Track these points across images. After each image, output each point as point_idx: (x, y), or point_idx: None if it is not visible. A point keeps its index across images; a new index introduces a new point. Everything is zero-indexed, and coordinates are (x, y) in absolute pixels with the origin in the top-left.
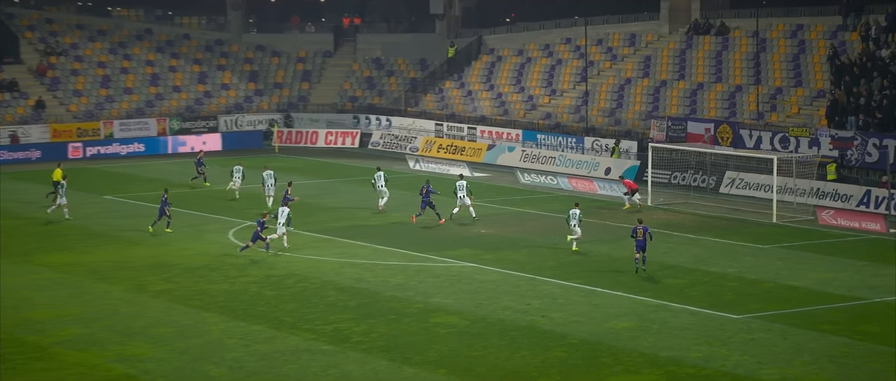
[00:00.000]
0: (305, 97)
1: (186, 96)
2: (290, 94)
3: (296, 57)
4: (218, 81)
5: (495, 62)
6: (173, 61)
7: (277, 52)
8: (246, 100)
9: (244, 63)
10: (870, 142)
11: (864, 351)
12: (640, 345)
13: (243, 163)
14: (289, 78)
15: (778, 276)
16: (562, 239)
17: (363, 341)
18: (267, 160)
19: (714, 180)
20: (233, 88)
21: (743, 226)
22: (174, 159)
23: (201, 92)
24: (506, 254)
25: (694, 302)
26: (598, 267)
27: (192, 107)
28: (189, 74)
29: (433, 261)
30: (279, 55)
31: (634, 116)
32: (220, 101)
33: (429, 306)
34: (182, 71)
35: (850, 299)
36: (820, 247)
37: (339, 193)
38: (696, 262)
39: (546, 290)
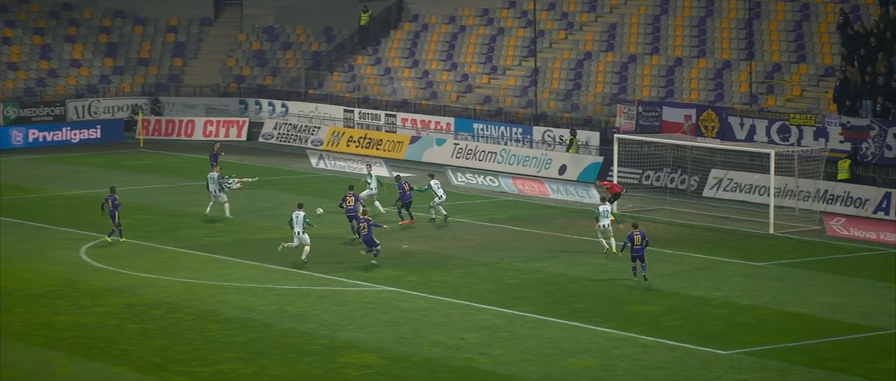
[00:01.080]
0: (178, 77)
1: (25, 76)
2: (159, 72)
3: (165, 26)
4: (66, 57)
5: (420, 32)
6: (8, 31)
7: (141, 19)
8: (102, 80)
9: (99, 33)
10: (889, 131)
11: None
12: None
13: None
14: (157, 53)
15: (776, 301)
16: (505, 256)
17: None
18: (127, 157)
19: (696, 181)
20: (85, 66)
21: (732, 238)
22: (10, 156)
23: (44, 70)
24: (434, 275)
25: (671, 335)
26: (551, 291)
27: (32, 89)
28: (28, 47)
29: (342, 285)
30: (144, 23)
31: (596, 100)
32: (69, 81)
33: (336, 342)
34: (19, 43)
35: (866, 330)
36: (828, 264)
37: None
38: (674, 284)
39: (485, 320)
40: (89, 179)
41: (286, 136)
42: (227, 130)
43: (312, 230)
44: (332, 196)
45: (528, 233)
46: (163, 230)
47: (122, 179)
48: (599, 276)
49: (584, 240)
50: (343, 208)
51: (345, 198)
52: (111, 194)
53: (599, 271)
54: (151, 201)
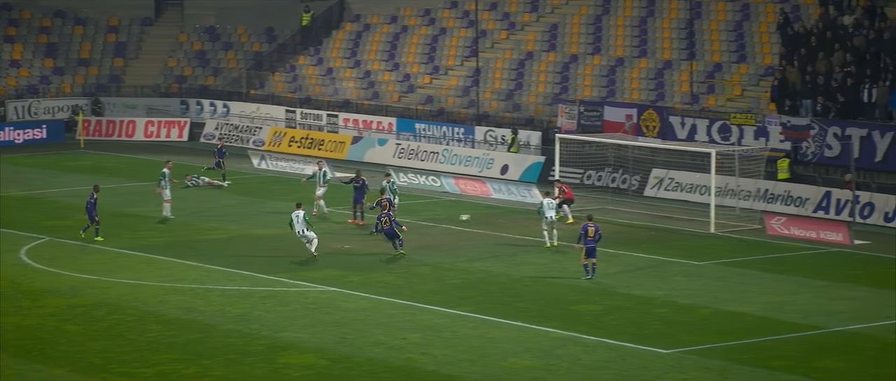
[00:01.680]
0: (119, 77)
1: None
2: (100, 73)
3: (106, 26)
4: (5, 57)
5: (362, 32)
6: None
7: (82, 19)
8: (42, 81)
9: (39, 33)
10: (829, 131)
11: None
12: None
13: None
14: (97, 53)
15: (716, 300)
16: (447, 256)
17: None
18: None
19: (637, 181)
20: (25, 66)
21: (673, 238)
22: None
23: None
24: (377, 275)
25: (613, 334)
26: (493, 291)
27: None
28: None
29: (284, 285)
30: (84, 23)
31: (538, 99)
32: (9, 82)
33: (278, 343)
34: None
35: (806, 328)
36: (769, 263)
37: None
38: (616, 283)
39: (427, 320)
40: (29, 180)
41: (227, 136)
42: (169, 131)
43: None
44: (275, 197)
45: (470, 233)
46: (104, 231)
47: (63, 181)
48: (541, 275)
49: (527, 240)
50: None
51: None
52: (93, 192)
53: (542, 270)
54: None
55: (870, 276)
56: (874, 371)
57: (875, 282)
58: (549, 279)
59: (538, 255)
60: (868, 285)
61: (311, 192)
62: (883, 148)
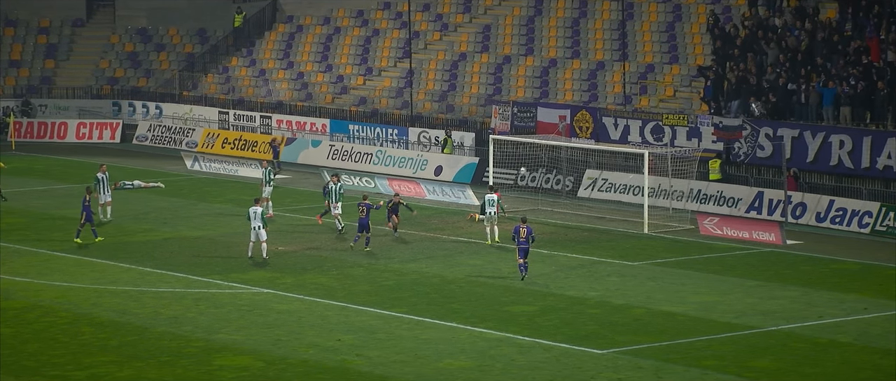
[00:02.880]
0: (50, 79)
1: None
2: (31, 74)
3: (37, 27)
4: None
5: (295, 33)
6: None
7: (12, 20)
8: None
9: None
10: (761, 131)
11: None
12: None
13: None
14: (28, 54)
15: (650, 300)
16: (381, 257)
17: None
18: None
19: (571, 181)
20: None
21: (607, 238)
22: None
23: None
24: (310, 277)
25: (547, 334)
26: (427, 292)
27: None
28: None
29: (218, 287)
30: (15, 25)
31: (471, 100)
32: None
33: (212, 345)
34: None
35: (739, 328)
36: (702, 263)
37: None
38: (550, 284)
39: (362, 322)
40: None
41: (160, 138)
42: (101, 133)
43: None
44: (208, 199)
45: (403, 234)
46: (36, 234)
47: None
48: (476, 276)
49: (460, 241)
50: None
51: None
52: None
53: (476, 271)
54: (24, 205)
55: (802, 276)
56: (805, 371)
57: (807, 282)
58: (483, 280)
59: (472, 256)
60: (800, 285)
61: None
62: (814, 148)
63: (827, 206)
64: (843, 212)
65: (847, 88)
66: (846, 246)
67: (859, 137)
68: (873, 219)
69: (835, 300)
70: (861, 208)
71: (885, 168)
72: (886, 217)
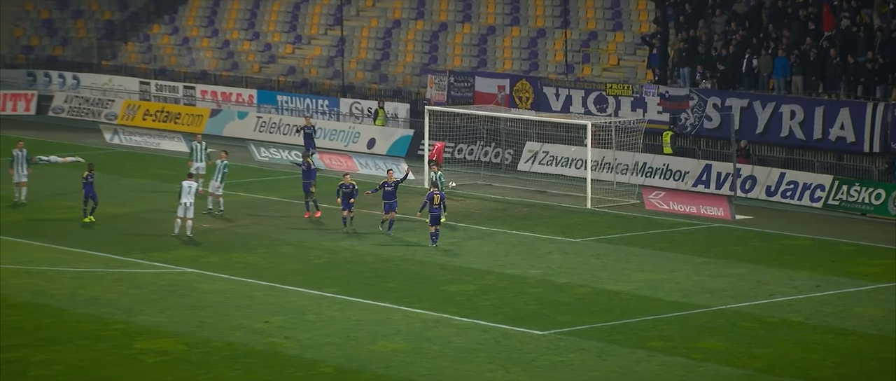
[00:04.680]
0: None
1: None
2: None
3: None
4: None
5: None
6: None
7: None
8: None
9: None
10: (709, 102)
11: (703, 374)
12: (416, 373)
13: None
14: None
15: (594, 278)
16: (311, 234)
17: (44, 375)
18: None
19: (510, 154)
20: None
21: (548, 214)
22: None
23: None
24: (237, 256)
25: (485, 315)
26: (360, 271)
27: None
28: None
29: (139, 266)
30: None
31: (405, 70)
32: None
33: (133, 327)
34: None
35: (686, 307)
36: (647, 240)
37: (7, 177)
38: (488, 262)
39: (291, 302)
40: None
41: (78, 109)
42: (15, 104)
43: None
44: (130, 173)
45: (336, 210)
46: None
47: None
48: (411, 256)
49: (400, 218)
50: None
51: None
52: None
53: (412, 249)
54: None
55: (751, 252)
56: (755, 352)
57: (756, 259)
58: (419, 259)
59: (408, 232)
60: (749, 262)
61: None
62: (764, 119)
63: (777, 179)
64: (794, 185)
65: (798, 57)
66: (797, 221)
67: (811, 107)
68: (826, 193)
69: (786, 278)
70: (813, 182)
71: (838, 139)
72: (839, 191)
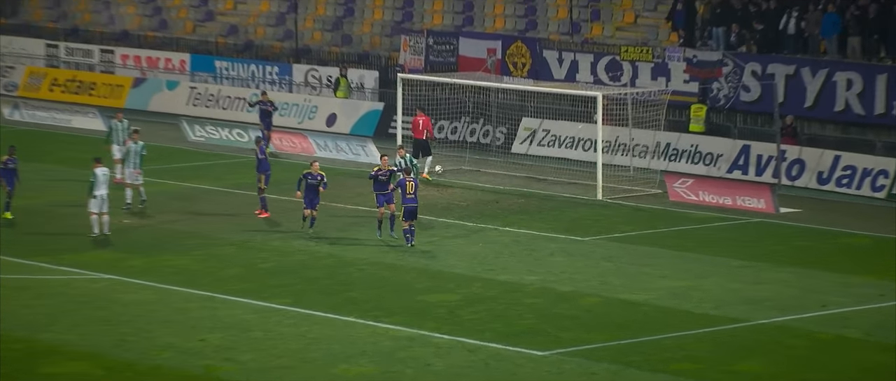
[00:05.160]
0: None
1: None
2: None
3: None
4: None
5: None
6: None
7: None
8: None
9: None
10: (746, 68)
11: None
12: None
13: None
14: None
15: (605, 286)
16: (257, 232)
17: None
18: None
19: (503, 134)
20: None
21: (550, 206)
22: None
23: None
24: (166, 258)
25: (472, 332)
26: (318, 277)
27: None
28: None
29: (46, 272)
30: None
31: (373, 29)
32: None
33: (37, 347)
34: None
35: (720, 322)
36: (671, 238)
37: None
38: (475, 266)
39: (232, 316)
40: None
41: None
42: None
43: None
44: (37, 157)
45: (287, 202)
46: None
47: None
48: (380, 258)
49: (362, 211)
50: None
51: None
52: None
53: (382, 250)
54: None
55: (799, 253)
56: (803, 376)
57: (805, 261)
58: (390, 262)
59: (377, 230)
60: (796, 266)
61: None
62: (814, 90)
63: (831, 163)
64: (851, 171)
65: (855, 13)
66: (855, 214)
67: (871, 75)
68: (889, 180)
69: (840, 285)
70: (874, 167)
71: None
72: None
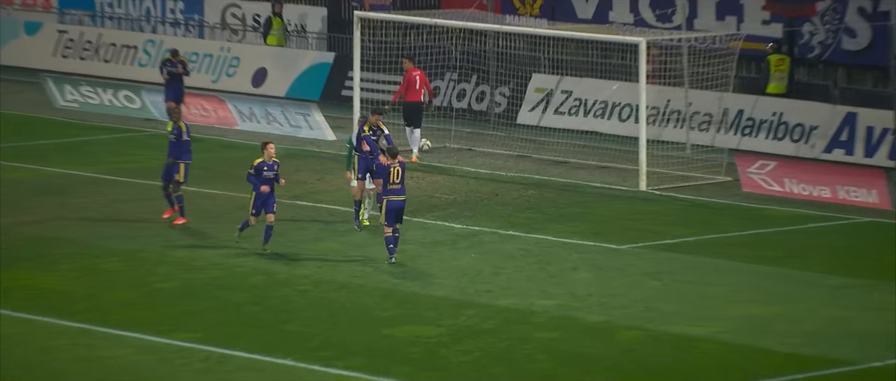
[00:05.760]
0: None
1: None
2: None
3: None
4: None
5: None
6: None
7: None
8: None
9: None
10: (851, 4)
11: None
12: None
13: None
14: None
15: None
16: (154, 236)
17: None
18: None
19: (505, 97)
20: None
21: (571, 200)
22: None
23: None
24: (23, 276)
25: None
26: (242, 302)
27: None
28: None
29: None
30: None
31: None
32: None
33: None
34: None
35: (815, 365)
36: (745, 246)
37: None
38: (466, 286)
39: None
40: None
41: None
42: None
43: None
44: None
45: (196, 193)
46: None
47: None
48: (332, 275)
49: (303, 208)
50: None
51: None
52: None
53: (333, 265)
54: None
55: None
56: None
57: None
58: (345, 280)
59: (327, 235)
60: None
61: None
62: None
63: None
64: None
65: None
66: None
67: None
68: None
69: None
70: None
71: None
72: None
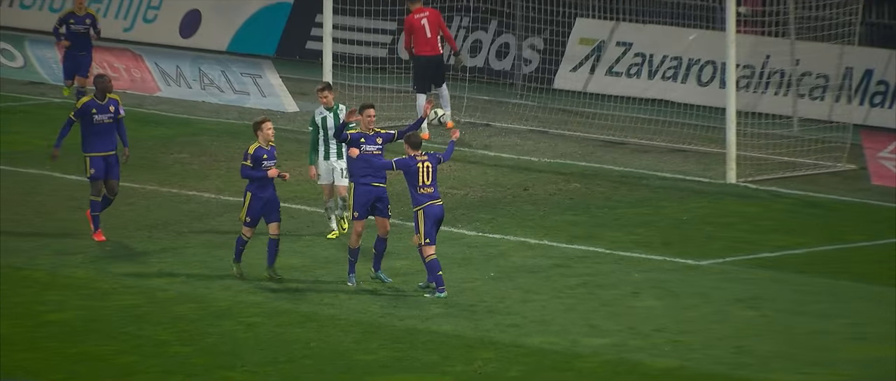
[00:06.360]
0: None
1: None
2: None
3: None
4: None
5: None
6: None
7: None
8: None
9: None
10: None
11: None
12: None
13: None
14: None
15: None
16: (67, 245)
17: None
18: None
19: (538, 51)
20: None
21: (634, 200)
22: None
23: None
24: None
25: None
26: (167, 339)
27: None
28: None
29: None
30: None
31: None
32: None
33: None
34: None
35: None
36: (879, 262)
37: None
38: (484, 318)
39: None
40: None
41: None
42: None
43: None
44: None
45: (126, 189)
46: None
47: None
48: (293, 303)
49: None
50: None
51: None
52: None
53: (302, 282)
54: None
55: None
56: None
57: None
58: (309, 310)
59: (289, 244)
60: None
61: None
62: None
63: None
64: None
65: None
66: None
67: None
68: None
69: None
70: None
71: None
72: None
